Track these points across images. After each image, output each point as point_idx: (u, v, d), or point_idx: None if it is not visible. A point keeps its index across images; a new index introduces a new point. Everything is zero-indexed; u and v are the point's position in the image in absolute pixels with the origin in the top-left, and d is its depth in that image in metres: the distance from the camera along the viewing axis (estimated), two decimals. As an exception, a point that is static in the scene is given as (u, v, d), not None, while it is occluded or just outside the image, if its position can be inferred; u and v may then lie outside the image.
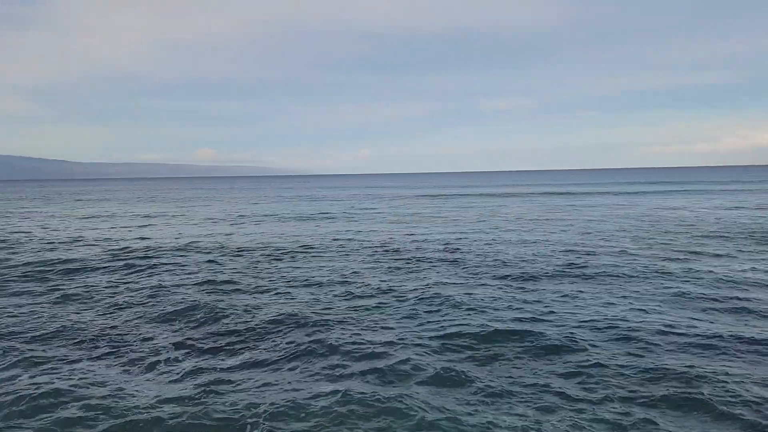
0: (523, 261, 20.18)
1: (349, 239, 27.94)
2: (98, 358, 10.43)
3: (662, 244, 24.26)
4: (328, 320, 12.25)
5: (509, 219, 38.16)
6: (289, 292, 15.66)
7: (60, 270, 19.85)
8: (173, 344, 11.06)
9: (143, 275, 18.95)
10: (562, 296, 14.52)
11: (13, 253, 24.25)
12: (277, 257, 22.48)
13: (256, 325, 12.12)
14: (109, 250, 24.53)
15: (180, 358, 10.24)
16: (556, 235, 28.45)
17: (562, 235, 28.12)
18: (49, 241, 28.73)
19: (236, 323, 12.35)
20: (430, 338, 10.95)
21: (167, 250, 24.21)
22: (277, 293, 15.60)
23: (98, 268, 20.22)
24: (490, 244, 25.27)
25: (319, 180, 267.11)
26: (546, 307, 13.40)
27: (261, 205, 62.28)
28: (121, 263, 21.15)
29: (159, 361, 10.08)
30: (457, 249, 23.76)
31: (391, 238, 28.18)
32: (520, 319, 12.28)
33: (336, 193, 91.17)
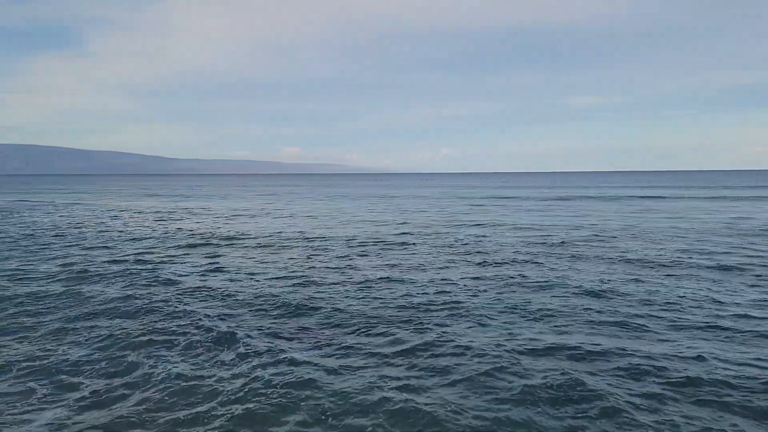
0: None
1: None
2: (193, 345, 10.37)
3: None
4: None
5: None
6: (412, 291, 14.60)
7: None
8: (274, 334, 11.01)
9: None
10: None
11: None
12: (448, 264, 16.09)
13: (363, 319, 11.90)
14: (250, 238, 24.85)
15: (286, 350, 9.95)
16: None
17: None
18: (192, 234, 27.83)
19: (343, 316, 12.14)
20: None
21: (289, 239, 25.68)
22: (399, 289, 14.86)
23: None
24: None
25: (406, 178, 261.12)
26: None
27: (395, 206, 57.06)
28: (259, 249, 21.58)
29: (253, 351, 9.87)
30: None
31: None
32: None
33: (449, 193, 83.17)
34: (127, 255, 21.12)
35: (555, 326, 11.30)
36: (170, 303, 13.18)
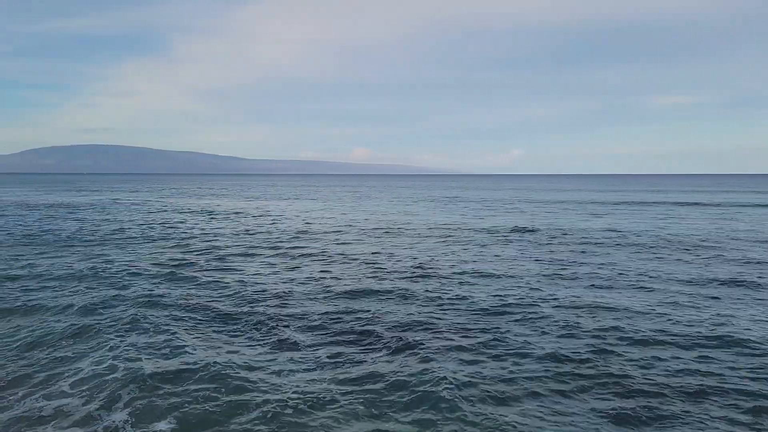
0: None
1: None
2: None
3: None
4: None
5: None
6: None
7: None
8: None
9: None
10: None
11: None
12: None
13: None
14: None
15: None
16: None
17: None
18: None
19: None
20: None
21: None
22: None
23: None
24: None
25: (477, 180, 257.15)
26: None
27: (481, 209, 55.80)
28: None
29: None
30: None
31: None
32: None
33: (532, 197, 78.90)
34: (210, 251, 21.06)
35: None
36: (250, 302, 12.69)
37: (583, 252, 21.63)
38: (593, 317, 11.85)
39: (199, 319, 11.66)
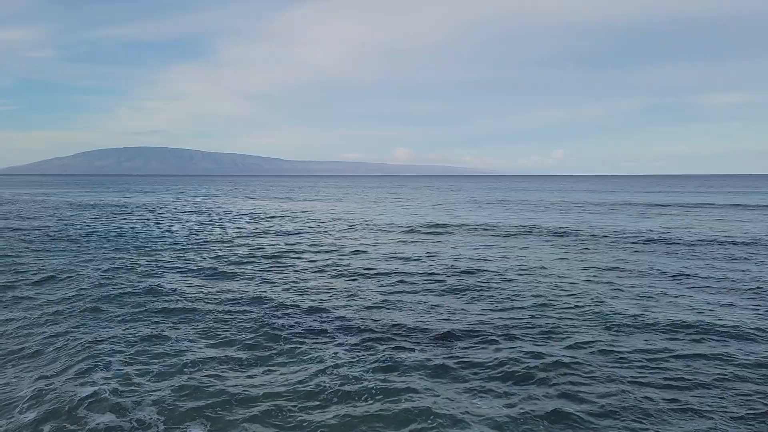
0: None
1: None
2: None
3: None
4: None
5: None
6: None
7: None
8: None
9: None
10: None
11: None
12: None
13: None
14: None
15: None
16: None
17: None
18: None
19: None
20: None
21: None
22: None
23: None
24: None
25: (520, 181, 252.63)
26: None
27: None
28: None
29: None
30: None
31: None
32: None
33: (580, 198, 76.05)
34: (266, 250, 21.58)
35: None
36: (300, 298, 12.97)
37: (638, 253, 21.19)
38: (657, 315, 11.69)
39: (246, 321, 11.81)
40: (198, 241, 25.21)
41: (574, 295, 14.14)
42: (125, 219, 37.41)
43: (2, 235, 26.49)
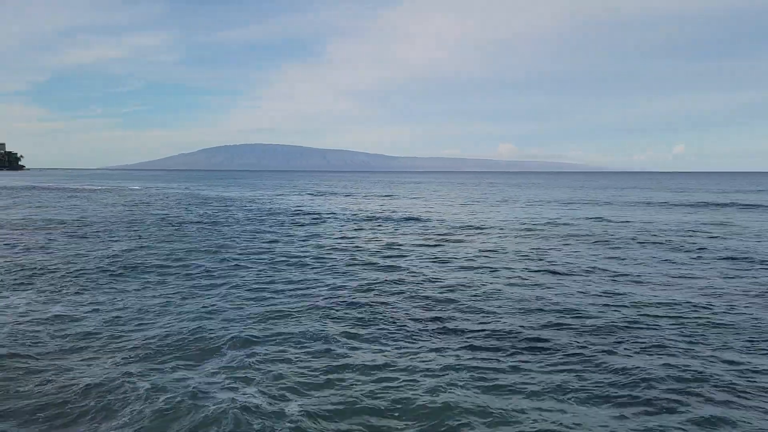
0: None
1: None
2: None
3: None
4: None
5: None
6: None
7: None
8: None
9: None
10: None
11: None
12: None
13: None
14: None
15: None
16: None
17: None
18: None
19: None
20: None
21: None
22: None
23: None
24: None
25: (635, 178, 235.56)
26: None
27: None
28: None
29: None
30: None
31: None
32: None
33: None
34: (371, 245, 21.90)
35: None
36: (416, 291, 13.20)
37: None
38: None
39: (368, 315, 11.66)
40: (310, 228, 26.35)
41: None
42: (245, 209, 39.30)
43: (148, 222, 28.97)
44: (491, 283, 14.84)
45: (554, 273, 16.33)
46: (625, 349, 9.58)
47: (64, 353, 9.20)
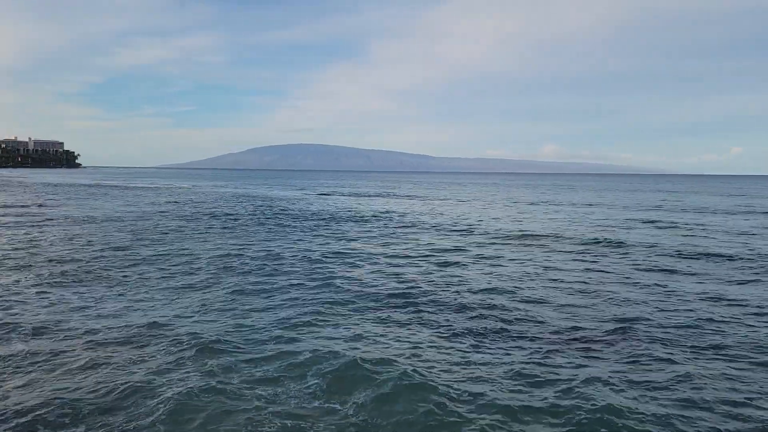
0: None
1: None
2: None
3: None
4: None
5: None
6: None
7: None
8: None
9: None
10: None
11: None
12: None
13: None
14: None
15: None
16: None
17: None
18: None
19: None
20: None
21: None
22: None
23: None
24: None
25: (690, 181, 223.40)
26: None
27: None
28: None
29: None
30: None
31: None
32: None
33: None
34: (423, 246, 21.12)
35: None
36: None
37: None
38: None
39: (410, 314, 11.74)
40: (354, 228, 25.79)
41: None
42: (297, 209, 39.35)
43: (197, 219, 29.19)
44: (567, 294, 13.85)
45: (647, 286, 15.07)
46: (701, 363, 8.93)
47: (111, 348, 9.25)
